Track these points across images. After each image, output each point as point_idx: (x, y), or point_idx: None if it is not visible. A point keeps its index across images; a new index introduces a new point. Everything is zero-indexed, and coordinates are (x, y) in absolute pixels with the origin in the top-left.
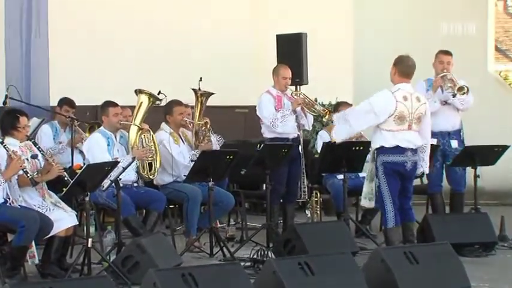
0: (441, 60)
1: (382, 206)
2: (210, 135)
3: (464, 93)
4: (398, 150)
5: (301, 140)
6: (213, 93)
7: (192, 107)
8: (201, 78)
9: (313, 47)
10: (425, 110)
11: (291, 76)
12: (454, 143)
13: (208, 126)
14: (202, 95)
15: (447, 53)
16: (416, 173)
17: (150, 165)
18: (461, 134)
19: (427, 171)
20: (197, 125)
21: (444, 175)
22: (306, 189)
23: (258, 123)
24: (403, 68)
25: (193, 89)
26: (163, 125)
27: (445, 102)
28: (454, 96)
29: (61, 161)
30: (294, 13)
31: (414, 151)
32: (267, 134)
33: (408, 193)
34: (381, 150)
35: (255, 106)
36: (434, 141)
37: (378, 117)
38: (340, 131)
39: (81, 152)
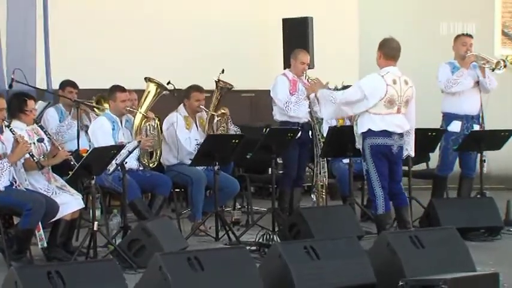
0: (464, 41)
1: (371, 192)
2: (225, 126)
3: (501, 67)
4: (385, 133)
5: (313, 125)
6: (231, 88)
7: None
8: (223, 70)
9: (319, 31)
10: (412, 93)
11: (308, 62)
12: (476, 127)
13: (225, 117)
14: (222, 88)
15: (469, 35)
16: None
17: (151, 153)
18: (482, 118)
19: (412, 154)
20: (211, 116)
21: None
22: (326, 173)
23: (264, 107)
24: (388, 50)
25: (215, 80)
26: (181, 106)
27: (476, 84)
28: (493, 70)
29: (68, 138)
30: None
31: (401, 135)
32: (278, 117)
33: (397, 176)
34: (368, 133)
35: (261, 90)
36: (459, 125)
37: (368, 102)
38: (326, 112)
39: (87, 132)
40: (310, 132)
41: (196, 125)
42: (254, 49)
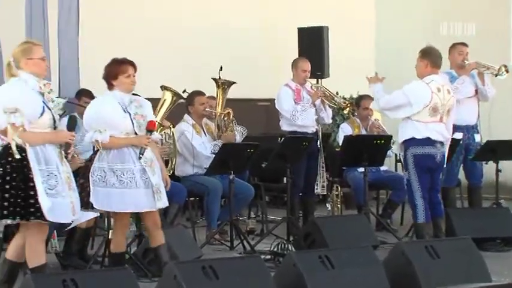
0: (460, 50)
1: (412, 201)
2: (233, 126)
3: (503, 72)
4: (429, 142)
5: (320, 134)
6: (234, 82)
7: (214, 98)
8: (221, 67)
9: (335, 40)
10: (454, 103)
11: (310, 69)
12: (477, 137)
13: (231, 116)
14: (223, 84)
15: (464, 44)
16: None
17: (167, 162)
18: (479, 127)
19: (445, 165)
20: (219, 115)
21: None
22: (325, 183)
23: (279, 116)
24: (435, 59)
25: (213, 79)
26: (186, 116)
27: (475, 92)
28: (496, 76)
29: (82, 149)
30: (316, 6)
31: (442, 143)
32: (285, 127)
33: (437, 185)
34: (412, 141)
35: None
36: (460, 135)
37: (412, 109)
38: (374, 105)
39: None
40: (318, 142)
41: (204, 132)
42: (270, 58)
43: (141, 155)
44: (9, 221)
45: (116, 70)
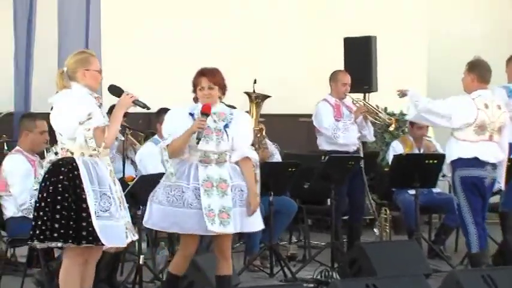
0: None
1: (463, 228)
2: (265, 143)
3: None
4: (478, 163)
5: (361, 152)
6: (268, 96)
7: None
8: (255, 80)
9: (384, 51)
10: (506, 119)
11: (350, 82)
12: None
13: (263, 133)
14: (256, 98)
15: None
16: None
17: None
18: None
19: (503, 187)
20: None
21: None
22: (370, 205)
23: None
24: (483, 73)
25: (246, 93)
26: None
27: None
28: None
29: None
30: (363, 14)
31: (494, 166)
32: (325, 146)
33: (483, 212)
34: (459, 162)
35: None
36: None
37: (450, 122)
38: (411, 113)
39: (133, 162)
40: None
41: None
42: (313, 70)
43: (198, 139)
44: (59, 244)
45: (194, 81)
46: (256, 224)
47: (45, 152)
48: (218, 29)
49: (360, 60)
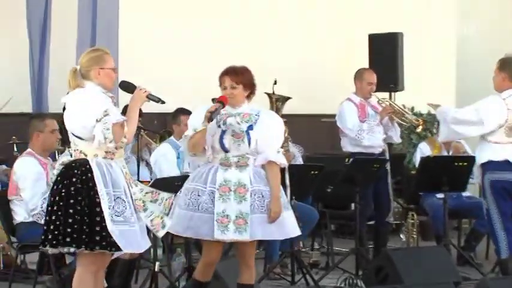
0: None
1: (493, 234)
2: (288, 146)
3: None
4: (508, 165)
5: (387, 154)
6: (289, 98)
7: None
8: (275, 81)
9: (410, 48)
10: None
11: (375, 81)
12: None
13: (286, 135)
14: (277, 100)
15: None
16: None
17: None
18: None
19: None
20: None
21: None
22: (396, 210)
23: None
24: None
25: (266, 93)
26: None
27: None
28: None
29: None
30: (389, 10)
31: None
32: (349, 148)
33: None
34: (489, 165)
35: None
36: None
37: (484, 128)
38: (441, 131)
39: (148, 164)
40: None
41: None
42: (336, 69)
43: (212, 118)
44: (72, 250)
45: (219, 80)
46: (279, 232)
47: (56, 154)
48: (236, 28)
49: (385, 58)
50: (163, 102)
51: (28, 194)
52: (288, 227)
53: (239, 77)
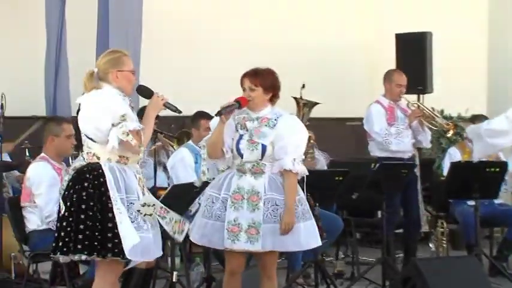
0: None
1: None
2: (313, 152)
3: None
4: None
5: (417, 159)
6: (318, 103)
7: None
8: (303, 85)
9: (440, 48)
10: None
11: (406, 83)
12: None
13: (311, 141)
14: (305, 105)
15: None
16: None
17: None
18: None
19: None
20: None
21: None
22: (424, 217)
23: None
24: None
25: (294, 98)
26: None
27: None
28: None
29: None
30: (417, 8)
31: None
32: (376, 153)
33: None
34: None
35: None
36: None
37: None
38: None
39: (165, 168)
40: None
41: None
42: (361, 70)
43: (222, 113)
44: (83, 257)
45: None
46: (293, 242)
47: (70, 159)
48: (259, 29)
49: (413, 59)
50: (179, 112)
51: (43, 200)
52: (305, 238)
53: (258, 79)
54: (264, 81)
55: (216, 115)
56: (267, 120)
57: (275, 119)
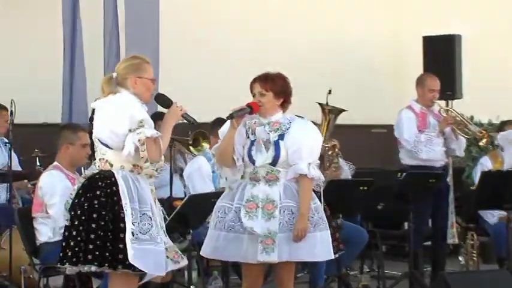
0: None
1: None
2: (338, 161)
3: None
4: None
5: (451, 168)
6: (344, 110)
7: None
8: (330, 90)
9: (470, 52)
10: None
11: (439, 88)
12: None
13: (336, 150)
14: (330, 112)
15: None
16: None
17: None
18: None
19: None
20: (323, 148)
21: None
22: (454, 229)
23: (398, 147)
24: None
25: (319, 104)
26: None
27: None
28: None
29: (158, 184)
30: (446, 9)
31: None
32: (407, 161)
33: None
34: None
35: None
36: None
37: None
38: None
39: (182, 176)
40: (448, 178)
41: None
42: (387, 74)
43: (233, 116)
44: (93, 268)
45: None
46: (307, 252)
47: (83, 169)
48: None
49: (441, 62)
50: (196, 123)
51: (56, 210)
52: (320, 248)
53: (268, 84)
54: (275, 86)
55: (227, 118)
56: (278, 124)
57: (288, 123)
